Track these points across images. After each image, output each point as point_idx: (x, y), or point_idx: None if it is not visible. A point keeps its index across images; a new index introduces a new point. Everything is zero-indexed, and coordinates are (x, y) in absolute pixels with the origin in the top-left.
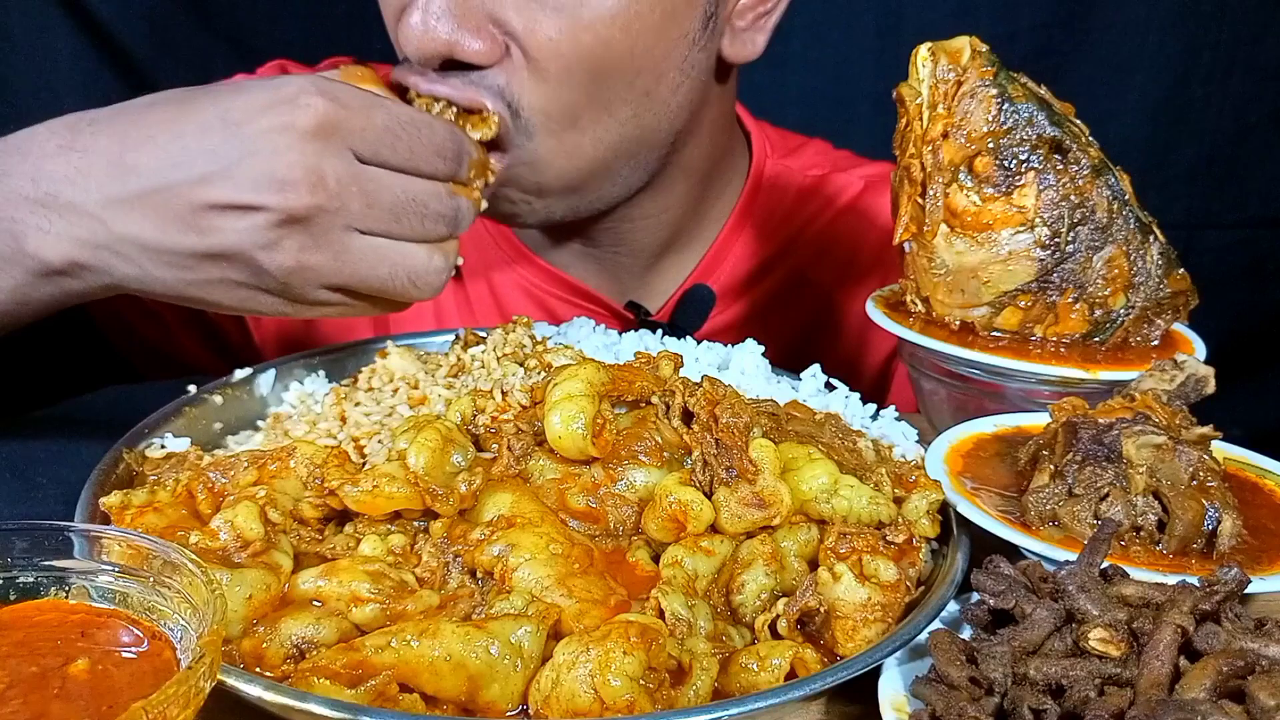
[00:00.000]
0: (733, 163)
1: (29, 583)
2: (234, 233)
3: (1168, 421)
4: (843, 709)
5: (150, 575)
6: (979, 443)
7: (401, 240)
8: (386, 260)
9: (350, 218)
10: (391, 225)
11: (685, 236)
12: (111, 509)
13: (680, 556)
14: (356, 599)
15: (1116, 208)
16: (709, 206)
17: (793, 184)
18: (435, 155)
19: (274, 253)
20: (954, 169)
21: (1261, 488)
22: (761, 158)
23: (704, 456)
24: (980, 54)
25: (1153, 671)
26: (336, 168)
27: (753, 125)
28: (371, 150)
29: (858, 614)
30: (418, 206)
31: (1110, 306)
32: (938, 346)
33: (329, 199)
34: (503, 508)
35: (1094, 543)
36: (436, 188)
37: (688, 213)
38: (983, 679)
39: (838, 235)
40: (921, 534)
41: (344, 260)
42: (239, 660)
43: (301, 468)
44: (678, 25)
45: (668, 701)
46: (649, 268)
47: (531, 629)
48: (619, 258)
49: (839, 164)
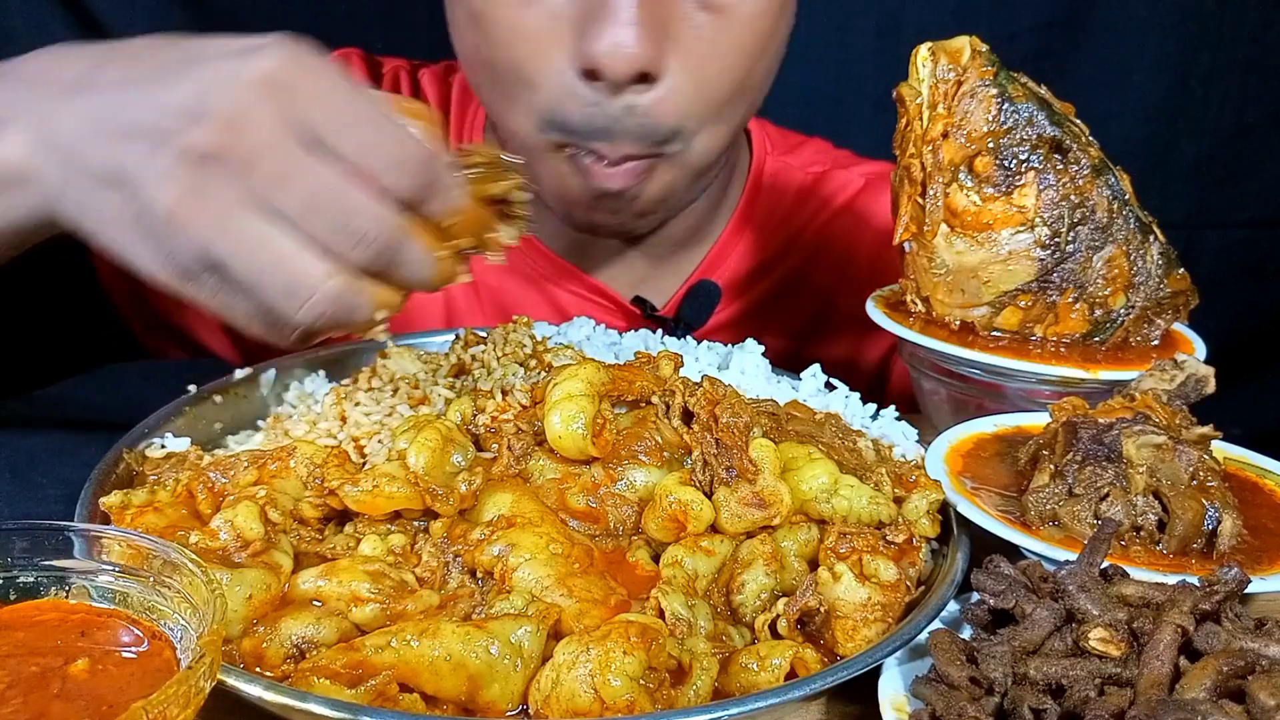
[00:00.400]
0: (738, 158)
1: (29, 582)
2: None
3: (1168, 421)
4: (843, 709)
5: (150, 575)
6: (979, 442)
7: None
8: (269, 250)
9: (253, 184)
10: (297, 217)
11: (698, 232)
12: (111, 509)
13: (680, 556)
14: (356, 599)
15: (1117, 207)
16: (716, 201)
17: (793, 181)
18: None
19: (160, 185)
20: (954, 169)
21: (1261, 487)
22: (762, 155)
23: (704, 456)
24: (980, 54)
25: (1153, 671)
26: (263, 121)
27: (753, 123)
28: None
29: (858, 614)
30: (338, 213)
31: (1110, 306)
32: (938, 346)
33: (239, 148)
34: (503, 508)
35: (1094, 542)
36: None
37: (711, 206)
38: (983, 679)
39: (839, 232)
40: (921, 534)
41: (225, 226)
42: (239, 660)
43: (301, 468)
44: (790, 12)
45: (668, 701)
46: (657, 264)
47: (531, 629)
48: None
49: (839, 162)
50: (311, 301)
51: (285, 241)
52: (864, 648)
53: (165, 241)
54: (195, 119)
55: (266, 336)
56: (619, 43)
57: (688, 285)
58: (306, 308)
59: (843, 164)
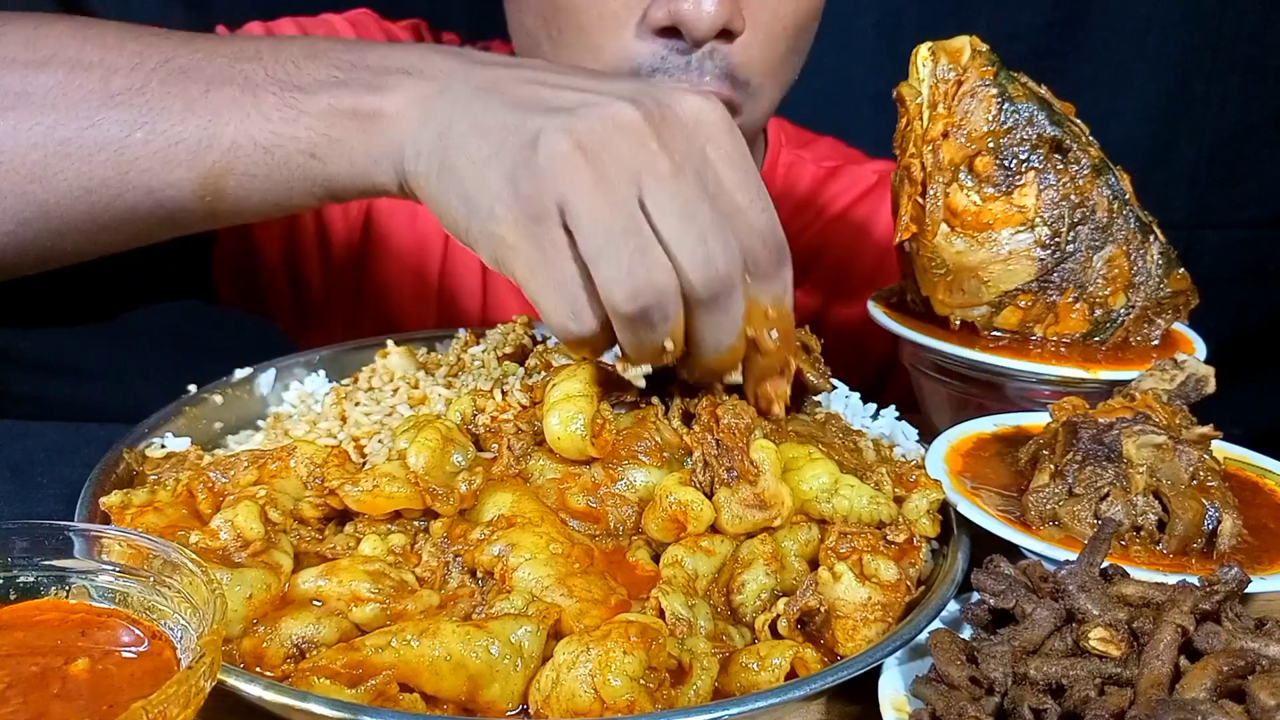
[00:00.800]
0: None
1: (29, 582)
2: (540, 110)
3: (1168, 421)
4: (843, 709)
5: (150, 575)
6: (979, 442)
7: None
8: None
9: (646, 170)
10: (665, 214)
11: None
12: (112, 508)
13: (680, 556)
14: (357, 598)
15: (1117, 207)
16: None
17: (805, 174)
18: (755, 232)
19: (561, 133)
20: (954, 168)
21: (1262, 487)
22: (776, 147)
23: (704, 457)
24: (980, 53)
25: (1153, 671)
26: (679, 133)
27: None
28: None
29: (858, 613)
30: (703, 230)
31: (1110, 306)
32: (938, 346)
33: (651, 137)
34: (503, 507)
35: (1094, 542)
36: (732, 243)
37: None
38: (983, 679)
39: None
40: (922, 533)
41: (604, 188)
42: (239, 660)
43: (302, 467)
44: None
45: (668, 701)
46: None
47: (532, 628)
48: None
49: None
50: (642, 288)
51: (646, 229)
52: (864, 647)
53: (536, 180)
54: (626, 99)
55: (560, 312)
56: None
57: None
58: (633, 291)
59: (855, 160)
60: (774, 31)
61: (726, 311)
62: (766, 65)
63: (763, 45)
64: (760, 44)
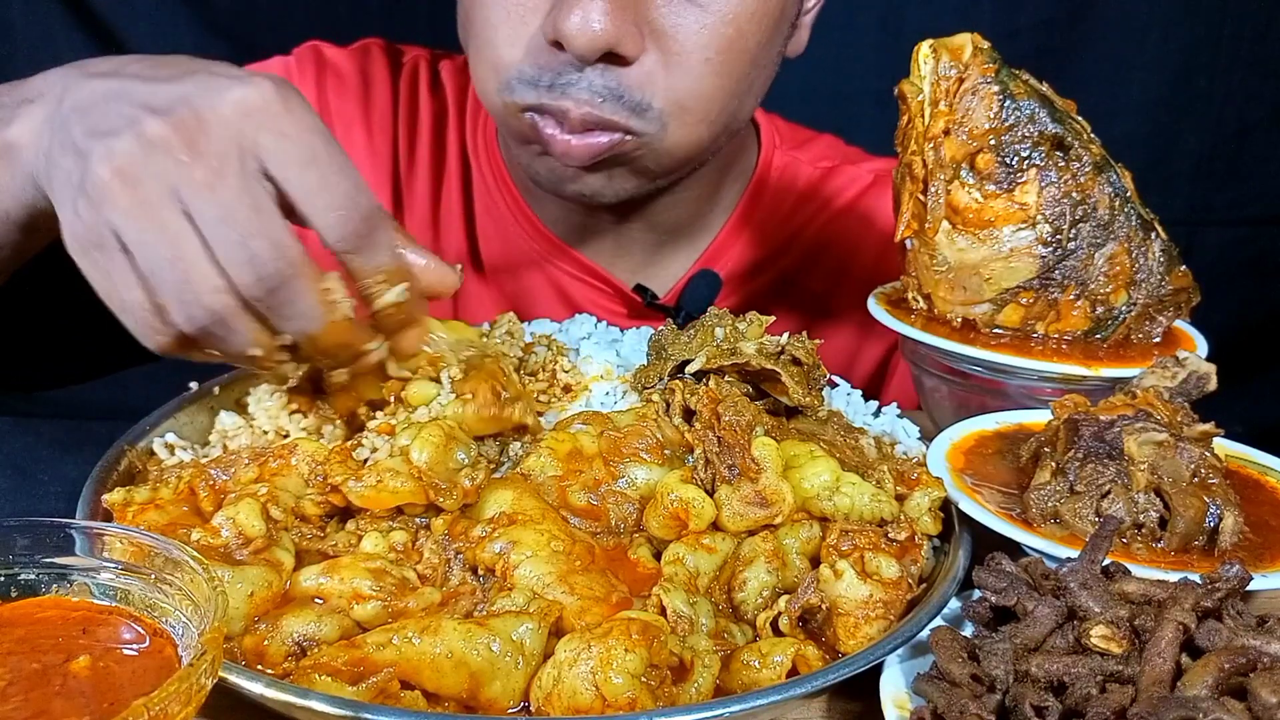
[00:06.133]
0: (745, 152)
1: (30, 579)
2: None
3: (1169, 418)
4: (844, 706)
5: (152, 572)
6: (981, 440)
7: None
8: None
9: (184, 183)
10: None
11: (698, 222)
12: (113, 506)
13: (682, 554)
14: (358, 596)
15: (1118, 205)
16: (721, 194)
17: (801, 175)
18: (332, 209)
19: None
20: (956, 166)
21: (1263, 485)
22: (770, 149)
23: (706, 454)
24: (982, 51)
25: (1154, 669)
26: (219, 134)
27: (762, 117)
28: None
29: (859, 611)
30: (242, 231)
31: (1112, 303)
32: (939, 343)
33: (186, 148)
34: (504, 505)
35: (1096, 540)
36: (279, 235)
37: (703, 197)
38: (984, 676)
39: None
40: (923, 531)
41: (144, 210)
42: (240, 657)
43: (303, 465)
44: (785, 18)
45: (669, 699)
46: (657, 250)
47: (533, 626)
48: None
49: (850, 158)
50: (193, 309)
51: (192, 243)
52: (865, 645)
53: (90, 209)
54: (164, 113)
55: (140, 331)
56: (588, 17)
57: (689, 274)
58: (187, 313)
59: (852, 160)
60: (691, 61)
61: (293, 303)
62: (683, 93)
63: (675, 73)
64: (671, 71)
